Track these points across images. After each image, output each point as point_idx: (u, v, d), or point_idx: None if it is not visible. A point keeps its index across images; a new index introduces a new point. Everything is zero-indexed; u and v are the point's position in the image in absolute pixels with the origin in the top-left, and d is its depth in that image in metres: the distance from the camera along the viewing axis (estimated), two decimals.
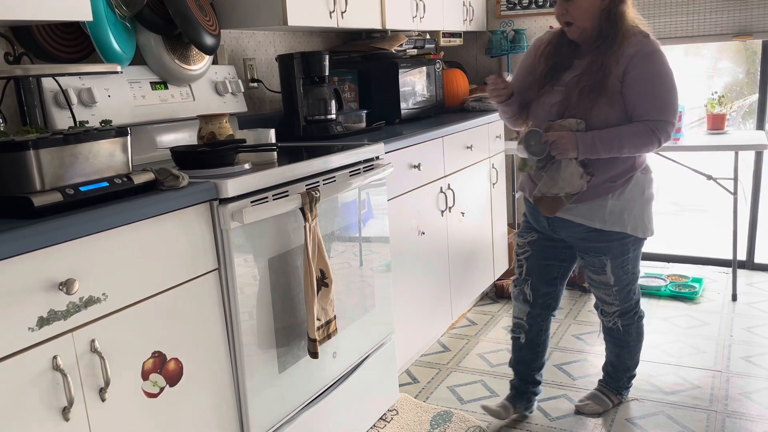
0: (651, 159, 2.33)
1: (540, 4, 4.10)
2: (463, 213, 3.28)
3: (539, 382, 2.54)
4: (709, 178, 3.66)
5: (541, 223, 2.33)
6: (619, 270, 2.28)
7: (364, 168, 2.33)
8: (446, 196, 3.08)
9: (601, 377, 2.61)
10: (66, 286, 1.39)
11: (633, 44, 2.07)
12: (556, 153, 2.10)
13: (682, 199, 6.16)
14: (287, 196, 1.95)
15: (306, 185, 2.04)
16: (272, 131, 2.16)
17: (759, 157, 3.96)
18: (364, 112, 3.00)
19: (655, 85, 2.07)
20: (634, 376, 2.58)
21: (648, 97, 2.08)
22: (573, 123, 2.09)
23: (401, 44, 3.34)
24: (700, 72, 5.60)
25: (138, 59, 2.22)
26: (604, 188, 2.16)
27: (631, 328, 2.42)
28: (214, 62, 2.58)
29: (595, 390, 2.59)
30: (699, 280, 3.80)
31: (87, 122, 1.70)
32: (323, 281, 2.02)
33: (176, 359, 1.68)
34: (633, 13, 2.15)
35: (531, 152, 2.14)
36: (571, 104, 2.12)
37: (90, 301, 1.46)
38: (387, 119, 3.17)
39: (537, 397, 2.56)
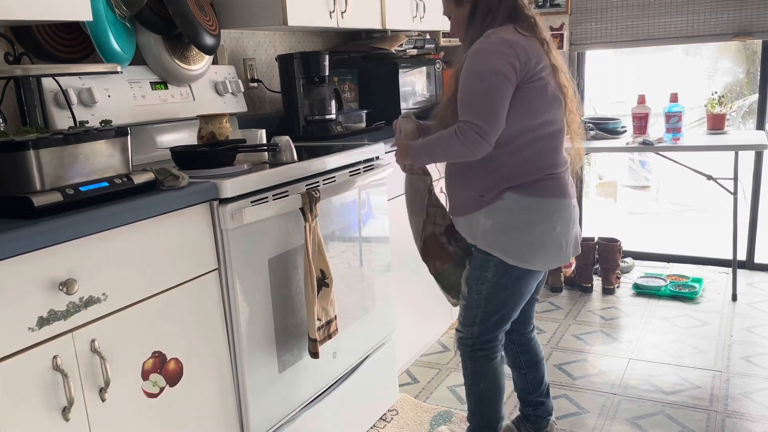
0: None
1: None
2: None
3: (542, 403, 2.30)
4: (709, 178, 3.66)
5: None
6: (472, 283, 2.04)
7: (364, 168, 2.34)
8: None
9: None
10: (66, 286, 1.39)
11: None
12: (397, 160, 2.12)
13: (682, 199, 6.17)
14: (287, 196, 1.95)
15: (306, 185, 2.04)
16: (263, 131, 2.16)
17: (759, 157, 3.96)
18: (364, 112, 3.00)
19: (463, 84, 1.87)
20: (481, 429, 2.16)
21: (458, 98, 1.89)
22: (413, 126, 2.09)
23: (401, 44, 3.34)
24: (700, 72, 5.60)
25: (138, 59, 2.21)
26: (475, 202, 1.99)
27: (466, 361, 2.13)
28: (214, 62, 2.58)
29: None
30: (699, 280, 3.80)
31: (87, 122, 1.70)
32: (323, 281, 2.02)
33: (176, 359, 1.68)
34: (518, 12, 1.91)
35: None
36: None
37: (90, 301, 1.46)
38: (387, 119, 3.17)
39: (551, 418, 2.33)
